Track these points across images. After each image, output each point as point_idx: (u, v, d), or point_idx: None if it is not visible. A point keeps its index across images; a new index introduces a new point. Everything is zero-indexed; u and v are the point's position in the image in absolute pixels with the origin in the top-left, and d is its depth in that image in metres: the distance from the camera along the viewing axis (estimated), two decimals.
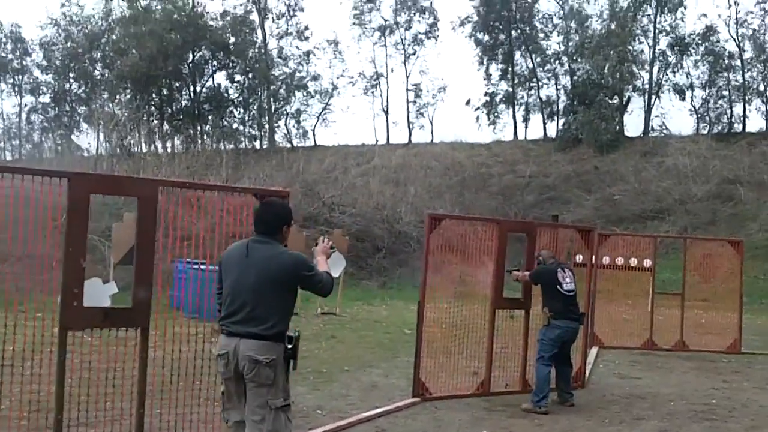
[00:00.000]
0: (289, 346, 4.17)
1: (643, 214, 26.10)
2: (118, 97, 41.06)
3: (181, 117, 42.29)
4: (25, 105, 43.17)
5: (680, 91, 33.46)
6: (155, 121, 41.97)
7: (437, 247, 7.99)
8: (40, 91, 43.08)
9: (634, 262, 12.86)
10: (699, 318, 14.58)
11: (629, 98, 33.66)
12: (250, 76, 41.68)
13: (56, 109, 43.19)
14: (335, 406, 7.20)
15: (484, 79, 37.85)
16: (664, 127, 33.48)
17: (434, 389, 7.80)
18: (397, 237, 24.34)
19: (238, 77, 41.99)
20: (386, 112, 40.71)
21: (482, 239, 8.25)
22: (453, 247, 8.21)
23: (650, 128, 33.17)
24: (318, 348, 10.97)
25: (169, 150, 39.72)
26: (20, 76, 42.69)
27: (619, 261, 12.87)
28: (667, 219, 25.43)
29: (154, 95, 41.57)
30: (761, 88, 31.82)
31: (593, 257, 8.95)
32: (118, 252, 12.98)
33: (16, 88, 43.02)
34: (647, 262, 12.70)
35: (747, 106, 32.09)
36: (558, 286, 7.58)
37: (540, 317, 7.92)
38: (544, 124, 36.30)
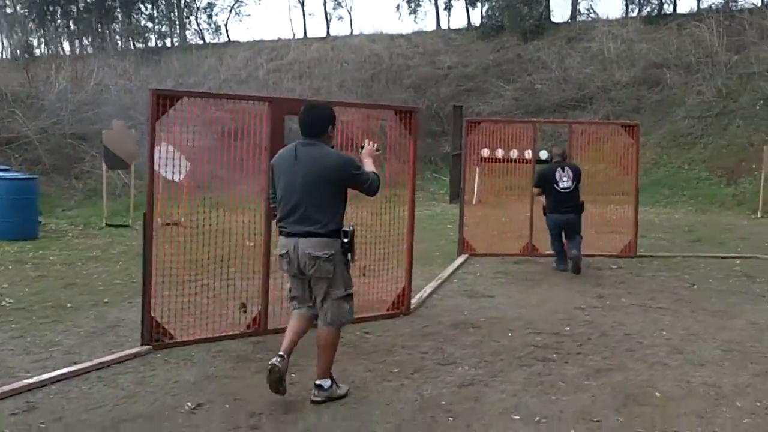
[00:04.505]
0: (345, 240, 4.36)
1: (564, 103, 23.88)
2: None
3: (86, 15, 38.72)
4: None
5: None
6: (60, 21, 38.95)
7: (178, 135, 5.70)
8: None
9: (514, 153, 10.78)
10: (610, 214, 12.75)
11: None
12: None
13: None
14: (18, 364, 5.04)
15: None
16: (591, 11, 30.95)
17: (183, 331, 5.68)
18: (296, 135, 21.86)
19: None
20: (302, 3, 37.52)
21: (252, 124, 5.97)
22: (207, 136, 5.93)
23: (577, 12, 30.59)
24: (105, 270, 8.75)
25: (78, 51, 36.85)
26: None
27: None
28: (589, 108, 23.34)
29: None
30: None
31: (414, 144, 6.69)
32: (108, 158, 12.45)
33: None
34: (527, 153, 10.60)
35: None
36: (555, 184, 8.87)
37: None
38: (468, 11, 33.49)
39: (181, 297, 5.80)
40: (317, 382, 4.43)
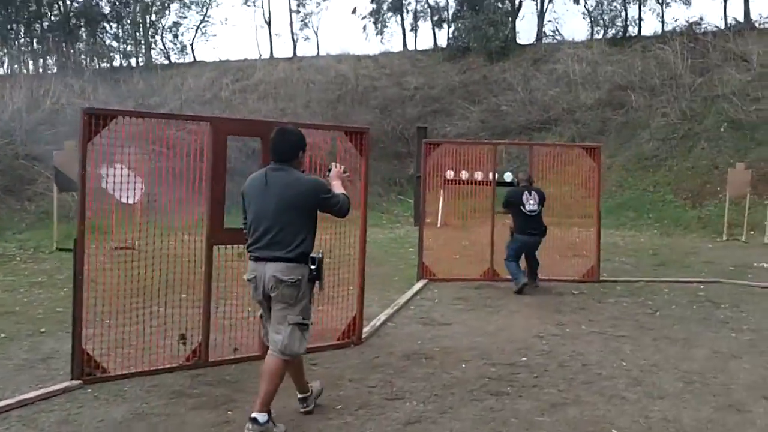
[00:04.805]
0: (313, 267, 4.30)
1: (530, 125, 23.89)
2: None
3: (50, 35, 38.16)
4: None
5: None
6: (23, 39, 38.37)
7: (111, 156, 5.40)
8: None
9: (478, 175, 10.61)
10: (574, 237, 12.58)
11: (521, 2, 31.10)
12: None
13: None
14: None
15: None
16: (557, 33, 31.23)
17: (118, 364, 5.34)
18: (255, 158, 21.50)
19: None
20: (268, 24, 37.30)
21: (194, 145, 5.69)
22: (145, 157, 5.64)
23: (543, 34, 30.76)
24: (48, 297, 8.36)
25: (41, 70, 36.24)
26: None
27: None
28: (554, 129, 23.35)
29: (20, 11, 37.14)
30: None
31: (365, 165, 6.44)
32: (60, 179, 12.16)
33: None
34: (489, 175, 10.42)
35: (642, 8, 29.75)
36: (522, 207, 9.06)
37: None
38: (434, 32, 33.52)
39: (118, 327, 5.47)
40: (253, 414, 4.16)
